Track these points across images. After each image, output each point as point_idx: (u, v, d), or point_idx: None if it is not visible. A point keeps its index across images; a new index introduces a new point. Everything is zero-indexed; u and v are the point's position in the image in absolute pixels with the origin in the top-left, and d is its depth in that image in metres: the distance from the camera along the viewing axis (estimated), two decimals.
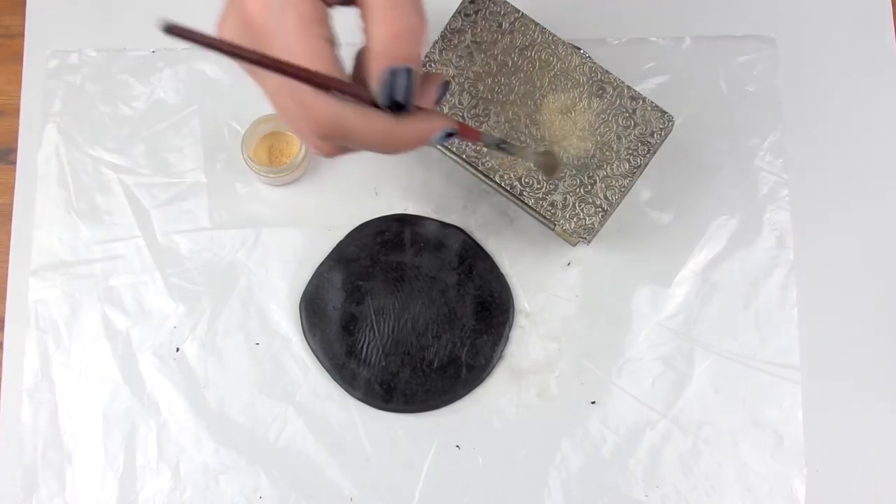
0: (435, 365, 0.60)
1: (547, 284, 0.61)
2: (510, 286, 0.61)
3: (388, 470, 0.59)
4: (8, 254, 0.62)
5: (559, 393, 0.60)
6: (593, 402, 0.60)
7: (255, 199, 0.62)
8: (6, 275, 0.61)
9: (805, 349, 0.60)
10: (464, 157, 0.56)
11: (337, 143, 0.39)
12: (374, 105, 0.38)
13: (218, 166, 0.62)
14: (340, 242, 0.61)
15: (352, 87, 0.37)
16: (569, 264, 0.62)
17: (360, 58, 0.39)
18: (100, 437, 0.59)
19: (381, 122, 0.38)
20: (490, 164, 0.55)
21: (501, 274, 0.61)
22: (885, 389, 0.60)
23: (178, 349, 0.60)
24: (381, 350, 0.60)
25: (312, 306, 0.61)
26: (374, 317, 0.60)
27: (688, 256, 0.62)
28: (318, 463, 0.59)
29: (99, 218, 0.62)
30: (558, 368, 0.60)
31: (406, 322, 0.60)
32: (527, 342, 0.61)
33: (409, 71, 0.37)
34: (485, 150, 0.55)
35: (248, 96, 0.63)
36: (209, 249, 0.62)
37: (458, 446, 0.60)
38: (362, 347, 0.60)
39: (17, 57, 0.64)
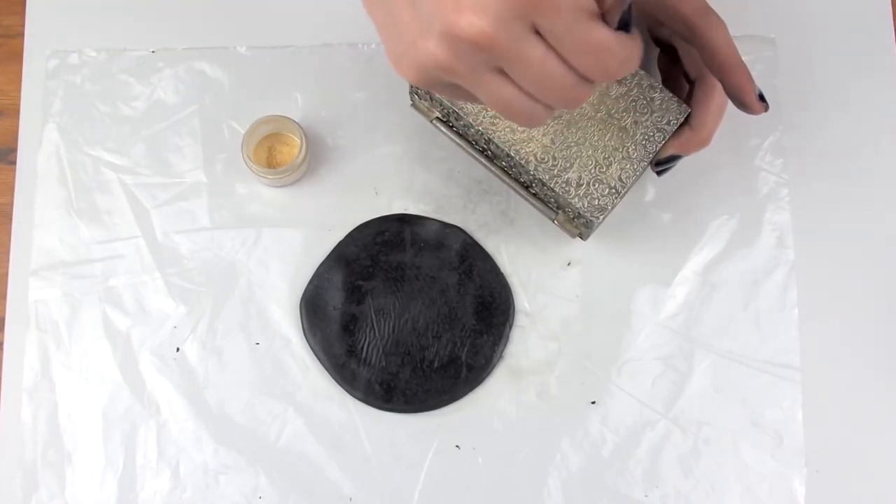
0: (435, 365, 0.60)
1: (547, 284, 0.61)
2: (510, 286, 0.61)
3: (388, 470, 0.59)
4: (8, 254, 0.62)
5: (559, 393, 0.60)
6: (593, 402, 0.60)
7: (255, 199, 0.62)
8: (6, 275, 0.61)
9: (805, 349, 0.60)
10: (475, 132, 0.56)
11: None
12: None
13: (218, 166, 0.62)
14: (340, 242, 0.61)
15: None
16: (569, 264, 0.62)
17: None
18: (100, 437, 0.59)
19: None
20: (506, 138, 0.55)
21: (501, 274, 0.61)
22: (885, 390, 0.60)
23: (178, 349, 0.60)
24: (381, 350, 0.60)
25: (312, 306, 0.61)
26: (374, 317, 0.60)
27: (688, 256, 0.62)
28: (318, 463, 0.59)
29: (99, 218, 0.62)
30: (558, 368, 0.60)
31: (406, 322, 0.60)
32: (527, 342, 0.61)
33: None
34: (497, 121, 0.55)
35: (248, 96, 0.63)
36: (209, 249, 0.62)
37: (457, 446, 0.60)
38: (362, 347, 0.60)
39: (17, 57, 0.64)
